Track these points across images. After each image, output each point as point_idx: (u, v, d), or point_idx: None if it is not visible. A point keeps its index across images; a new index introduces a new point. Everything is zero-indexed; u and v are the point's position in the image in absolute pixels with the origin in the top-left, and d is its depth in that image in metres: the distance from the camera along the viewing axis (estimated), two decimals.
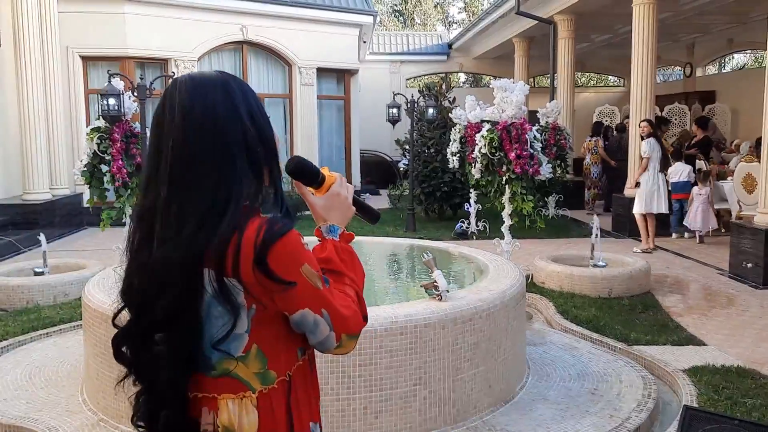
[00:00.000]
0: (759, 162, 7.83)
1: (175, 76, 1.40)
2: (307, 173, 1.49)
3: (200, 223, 1.27)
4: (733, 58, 19.56)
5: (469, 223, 10.05)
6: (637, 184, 8.97)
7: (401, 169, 16.52)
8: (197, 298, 1.28)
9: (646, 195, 8.74)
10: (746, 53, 19.11)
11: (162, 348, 1.31)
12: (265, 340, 1.33)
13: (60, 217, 10.82)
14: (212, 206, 1.28)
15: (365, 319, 1.41)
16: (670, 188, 9.68)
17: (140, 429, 1.39)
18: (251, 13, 12.92)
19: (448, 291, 3.67)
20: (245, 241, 1.26)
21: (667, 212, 9.06)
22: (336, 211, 1.49)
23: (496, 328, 3.78)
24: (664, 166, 8.96)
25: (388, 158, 19.05)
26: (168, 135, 1.32)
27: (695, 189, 9.66)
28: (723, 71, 19.23)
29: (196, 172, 1.30)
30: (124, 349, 1.38)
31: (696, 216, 9.51)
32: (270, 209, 1.38)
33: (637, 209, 8.92)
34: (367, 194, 15.99)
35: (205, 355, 1.31)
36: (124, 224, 7.07)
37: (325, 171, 1.52)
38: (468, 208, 10.03)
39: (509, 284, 4.05)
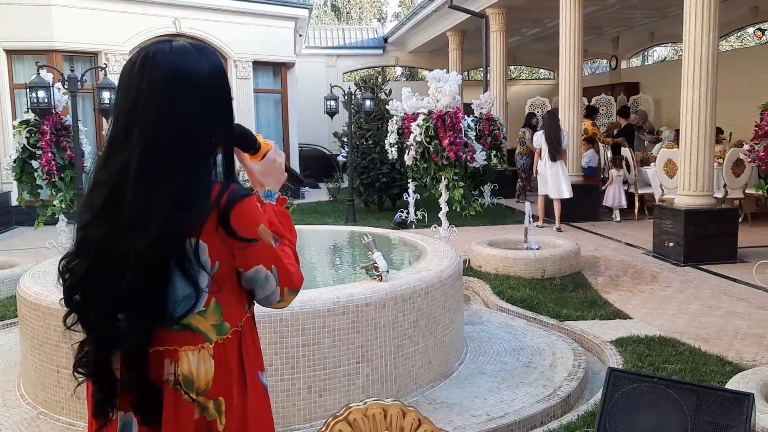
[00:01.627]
0: (679, 148, 8.27)
1: (148, 47, 1.43)
2: (246, 140, 1.60)
3: (174, 208, 1.32)
4: (655, 51, 20.41)
5: (408, 213, 10.22)
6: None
7: (340, 162, 16.60)
8: (162, 278, 1.35)
9: (540, 180, 9.75)
10: (667, 46, 19.97)
11: (123, 325, 1.36)
12: (221, 295, 1.43)
13: None
14: (187, 190, 1.34)
15: None
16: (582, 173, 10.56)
17: (80, 374, 1.43)
18: (184, 6, 12.71)
19: (388, 271, 3.79)
20: (208, 205, 1.36)
21: (569, 196, 9.72)
22: (271, 176, 1.62)
23: (434, 305, 3.92)
24: (553, 157, 9.56)
25: (326, 152, 19.08)
26: (146, 105, 1.35)
27: (613, 171, 10.40)
28: (646, 63, 20.06)
29: (176, 151, 1.35)
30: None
31: (617, 196, 10.46)
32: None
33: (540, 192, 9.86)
34: (307, 187, 15.99)
35: (167, 311, 1.39)
36: (57, 220, 6.92)
37: (260, 138, 1.63)
38: (407, 198, 10.20)
39: (446, 264, 4.21)
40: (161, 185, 1.33)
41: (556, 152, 9.56)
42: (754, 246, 7.87)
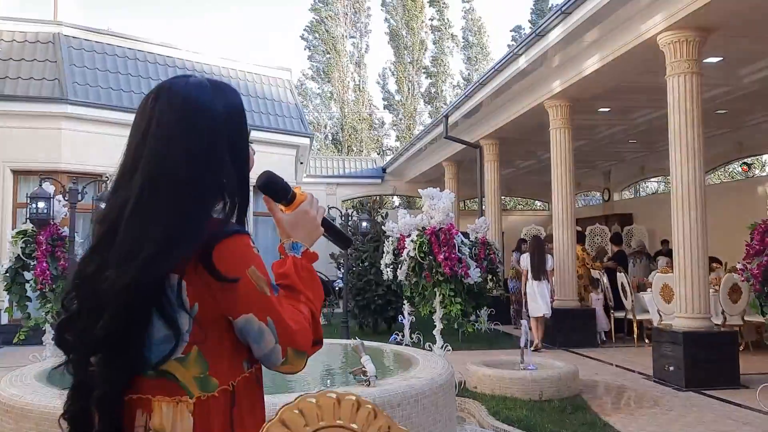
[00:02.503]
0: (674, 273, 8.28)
1: (165, 81, 1.39)
2: (276, 189, 1.47)
3: (159, 247, 1.23)
4: (648, 185, 21.02)
5: (403, 335, 10.04)
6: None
7: (336, 288, 16.55)
8: (143, 323, 1.25)
9: (528, 301, 10.12)
10: (658, 180, 20.57)
11: (97, 369, 1.26)
12: (207, 344, 1.27)
13: None
14: (177, 230, 1.25)
15: (319, 342, 1.37)
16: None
17: (65, 423, 1.31)
18: None
19: (376, 377, 3.67)
20: (196, 244, 1.25)
21: (549, 314, 10.13)
22: (301, 229, 1.45)
23: (425, 415, 3.76)
24: (536, 276, 10.08)
25: (324, 277, 19.05)
26: (153, 134, 1.30)
27: (593, 295, 10.64)
28: (640, 195, 20.57)
29: (174, 181, 1.27)
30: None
31: (599, 318, 10.74)
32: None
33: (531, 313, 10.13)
34: None
35: (143, 356, 1.26)
36: (41, 339, 6.78)
37: (297, 190, 1.51)
38: (402, 320, 10.06)
39: (438, 372, 4.08)
40: (154, 222, 1.24)
41: (539, 272, 10.07)
42: (757, 372, 7.65)
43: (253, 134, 14.74)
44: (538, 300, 9.97)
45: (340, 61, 35.61)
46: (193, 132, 1.30)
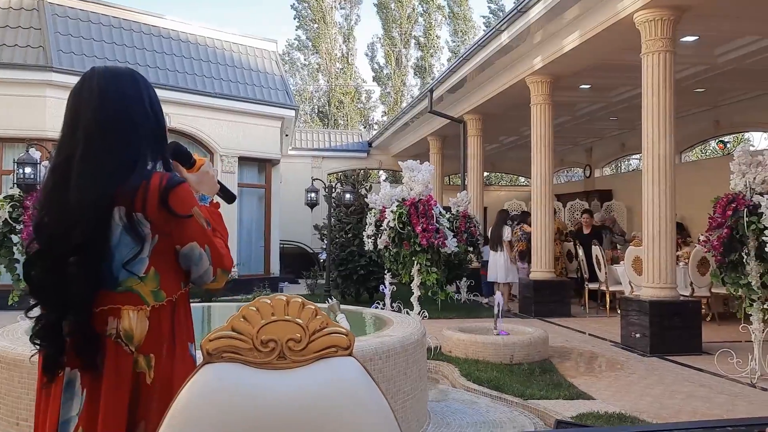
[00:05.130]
0: None
1: (92, 67, 1.84)
2: (182, 155, 1.93)
3: (113, 174, 1.66)
4: (627, 161, 21.33)
5: (384, 305, 10.32)
6: None
7: (321, 260, 16.79)
8: (107, 229, 1.66)
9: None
10: (637, 158, 20.89)
11: (74, 269, 1.62)
12: (160, 266, 1.70)
13: None
14: (122, 163, 1.68)
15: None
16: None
17: (36, 345, 1.66)
18: (175, 102, 13.25)
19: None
20: (152, 186, 1.67)
21: (503, 281, 11.63)
22: (205, 185, 1.93)
23: (395, 370, 4.01)
24: (493, 247, 11.77)
25: (309, 249, 19.31)
26: (86, 108, 1.72)
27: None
28: (620, 172, 20.89)
29: (111, 136, 1.70)
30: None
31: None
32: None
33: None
34: (286, 282, 16.07)
35: (113, 275, 1.67)
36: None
37: (196, 156, 1.98)
38: (383, 290, 10.33)
39: (410, 331, 4.34)
40: (98, 160, 1.66)
41: (495, 243, 11.56)
42: (720, 341, 8.00)
43: (238, 105, 14.92)
44: (492, 267, 11.53)
45: (328, 32, 35.43)
46: (112, 99, 1.73)
